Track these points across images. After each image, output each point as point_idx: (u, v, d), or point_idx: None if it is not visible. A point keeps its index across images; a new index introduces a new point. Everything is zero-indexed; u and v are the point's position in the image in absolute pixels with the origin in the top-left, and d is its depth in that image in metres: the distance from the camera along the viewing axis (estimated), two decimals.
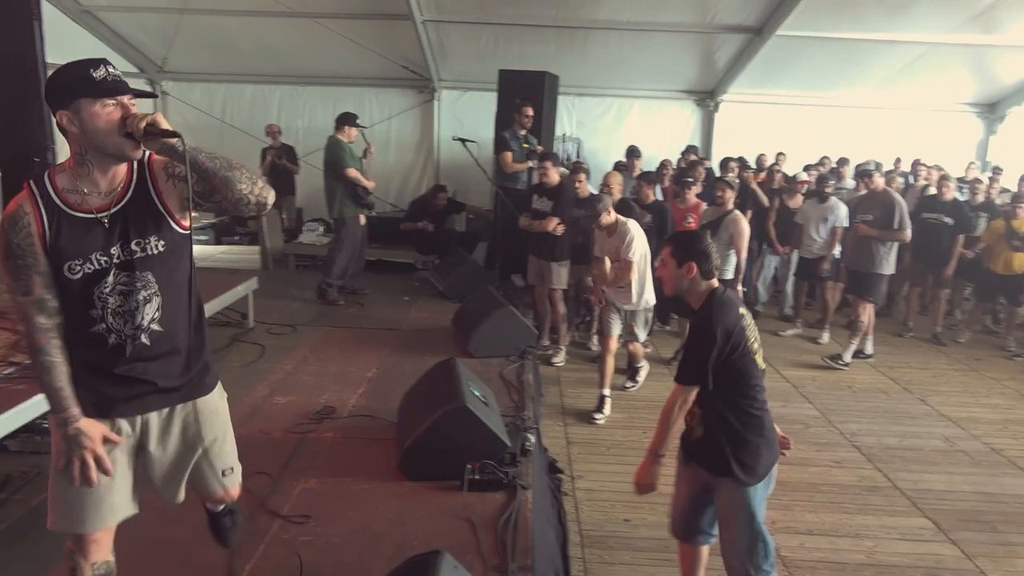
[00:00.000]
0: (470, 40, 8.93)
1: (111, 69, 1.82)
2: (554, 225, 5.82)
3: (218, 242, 10.18)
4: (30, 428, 3.40)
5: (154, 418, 2.05)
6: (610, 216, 5.01)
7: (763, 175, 8.55)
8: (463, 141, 6.40)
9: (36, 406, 3.25)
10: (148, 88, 9.61)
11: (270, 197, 1.95)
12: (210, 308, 5.02)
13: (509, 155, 6.92)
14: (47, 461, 3.35)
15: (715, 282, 2.66)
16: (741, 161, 8.57)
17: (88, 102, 1.78)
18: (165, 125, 1.79)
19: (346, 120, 6.50)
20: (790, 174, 8.22)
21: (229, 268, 7.47)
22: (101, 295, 1.89)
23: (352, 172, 6.42)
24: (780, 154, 8.99)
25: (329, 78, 9.95)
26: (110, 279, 1.89)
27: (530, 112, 6.96)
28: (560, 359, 6.27)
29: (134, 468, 2.07)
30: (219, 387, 2.21)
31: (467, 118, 9.68)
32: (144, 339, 1.95)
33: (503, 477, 3.34)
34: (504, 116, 7.37)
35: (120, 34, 9.21)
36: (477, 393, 3.66)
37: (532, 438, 3.83)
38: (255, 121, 9.88)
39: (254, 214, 1.99)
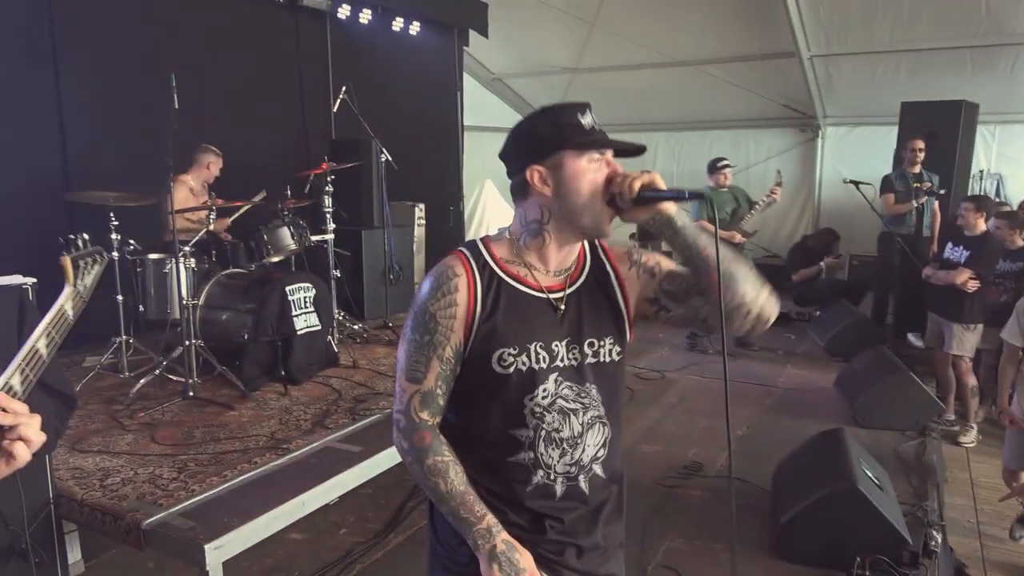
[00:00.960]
0: (864, 72, 8.16)
1: (594, 116, 1.40)
2: (964, 278, 4.89)
3: None
4: None
5: None
6: None
7: None
8: (856, 184, 5.81)
9: None
10: None
11: (774, 311, 1.42)
12: None
13: (891, 196, 6.15)
14: None
15: None
16: None
17: (573, 155, 1.36)
18: (663, 186, 1.36)
19: (711, 167, 6.37)
20: None
21: None
22: (536, 409, 1.37)
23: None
24: None
25: (706, 122, 9.95)
26: (550, 386, 1.38)
27: (919, 146, 6.08)
28: (970, 439, 5.24)
29: None
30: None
31: (856, 156, 8.84)
32: (583, 484, 1.41)
33: None
34: (902, 153, 6.55)
35: (524, 97, 10.40)
36: (870, 474, 3.20)
37: (939, 536, 3.21)
38: (635, 166, 10.29)
39: (745, 331, 1.42)
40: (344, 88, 5.13)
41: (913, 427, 4.46)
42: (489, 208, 9.63)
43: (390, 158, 5.25)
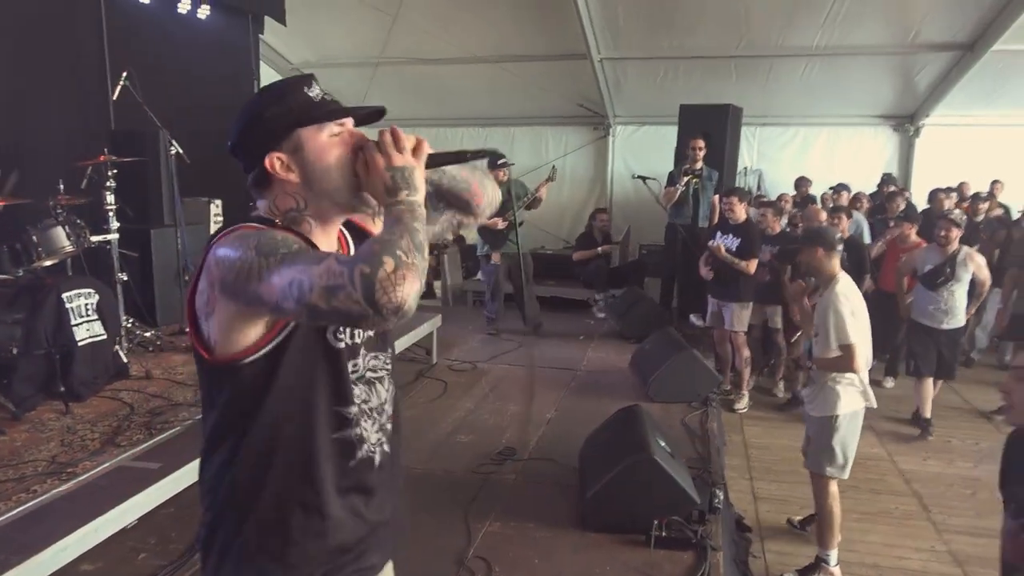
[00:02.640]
0: (647, 75, 8.87)
1: (320, 86, 1.35)
2: (753, 268, 5.50)
3: None
4: None
5: None
6: None
7: (966, 204, 7.69)
8: (643, 179, 6.32)
9: None
10: None
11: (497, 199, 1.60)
12: (400, 344, 5.28)
13: (671, 190, 6.82)
14: None
15: None
16: (947, 192, 7.78)
17: (312, 132, 1.28)
18: (431, 150, 1.32)
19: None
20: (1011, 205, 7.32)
21: None
22: (357, 383, 1.39)
23: None
24: (996, 182, 8.06)
25: (507, 119, 10.28)
26: (360, 361, 1.40)
27: (699, 144, 6.79)
28: (743, 405, 5.94)
29: None
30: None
31: (642, 153, 9.60)
32: (386, 449, 1.47)
33: (692, 536, 3.18)
34: (683, 150, 7.23)
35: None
36: (663, 443, 3.53)
37: (720, 494, 3.62)
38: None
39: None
40: (125, 73, 4.69)
41: (696, 399, 4.96)
42: None
43: (180, 151, 4.89)
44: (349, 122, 1.34)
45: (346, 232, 1.46)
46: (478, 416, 4.80)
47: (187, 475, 3.11)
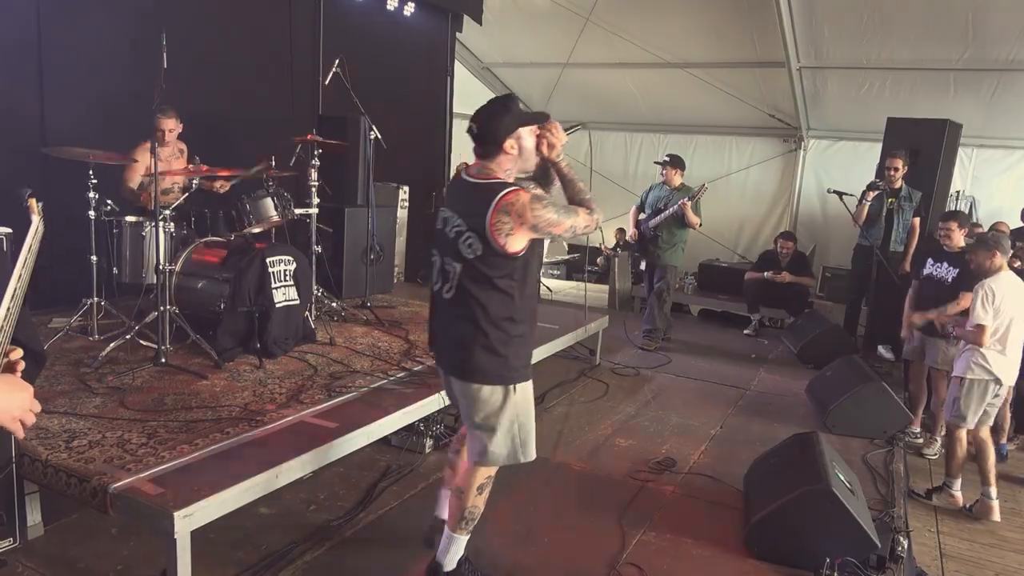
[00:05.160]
0: (849, 86, 8.27)
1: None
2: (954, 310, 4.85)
3: (569, 277, 10.80)
4: (410, 428, 3.85)
5: None
6: None
7: None
8: (839, 194, 5.87)
9: (421, 409, 3.68)
10: None
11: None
12: (564, 341, 5.27)
13: (861, 206, 6.25)
14: (420, 460, 3.75)
15: None
16: None
17: (525, 129, 2.47)
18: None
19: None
20: None
21: (578, 304, 7.81)
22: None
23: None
24: None
25: (689, 126, 10.00)
26: None
27: (894, 164, 6.18)
28: (934, 451, 5.33)
29: None
30: None
31: (837, 169, 8.97)
32: None
33: None
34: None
35: (509, 87, 10.35)
36: (842, 477, 3.23)
37: (905, 542, 3.26)
38: (616, 166, 10.34)
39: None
40: (337, 61, 5.03)
41: (881, 436, 4.53)
42: None
43: (380, 136, 5.17)
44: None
45: None
46: (638, 422, 4.67)
47: (359, 438, 3.27)
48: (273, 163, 4.58)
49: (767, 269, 7.40)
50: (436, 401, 3.76)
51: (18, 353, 1.36)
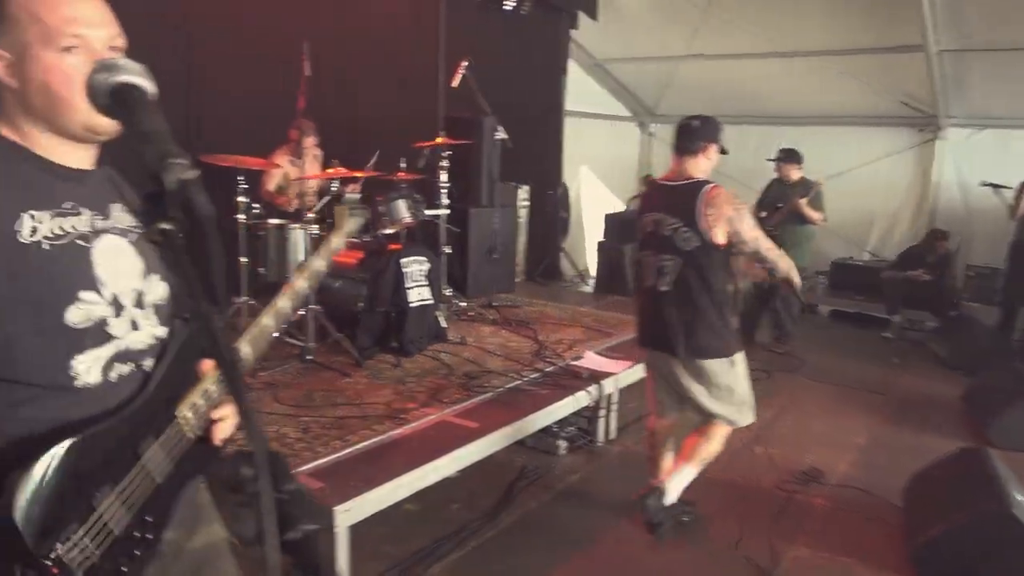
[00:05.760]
0: (998, 70, 7.61)
1: None
2: None
3: None
4: (545, 429, 3.82)
5: None
6: None
7: None
8: (995, 186, 5.43)
9: (560, 409, 3.65)
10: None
11: None
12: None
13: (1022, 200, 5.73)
14: (554, 462, 3.72)
15: None
16: None
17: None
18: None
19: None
20: None
21: None
22: None
23: None
24: None
25: (807, 117, 9.50)
26: None
27: None
28: None
29: None
30: None
31: (981, 159, 8.28)
32: None
33: None
34: None
35: (622, 83, 10.19)
36: (1022, 499, 2.96)
37: None
38: (730, 161, 9.97)
39: None
40: (465, 63, 5.07)
41: None
42: (584, 194, 9.49)
43: (506, 136, 5.17)
44: None
45: None
46: (776, 430, 4.46)
47: (499, 439, 3.27)
48: (404, 165, 4.67)
49: (910, 268, 6.95)
50: (571, 403, 3.73)
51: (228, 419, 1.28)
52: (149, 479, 1.12)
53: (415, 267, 4.30)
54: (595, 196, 9.60)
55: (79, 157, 1.17)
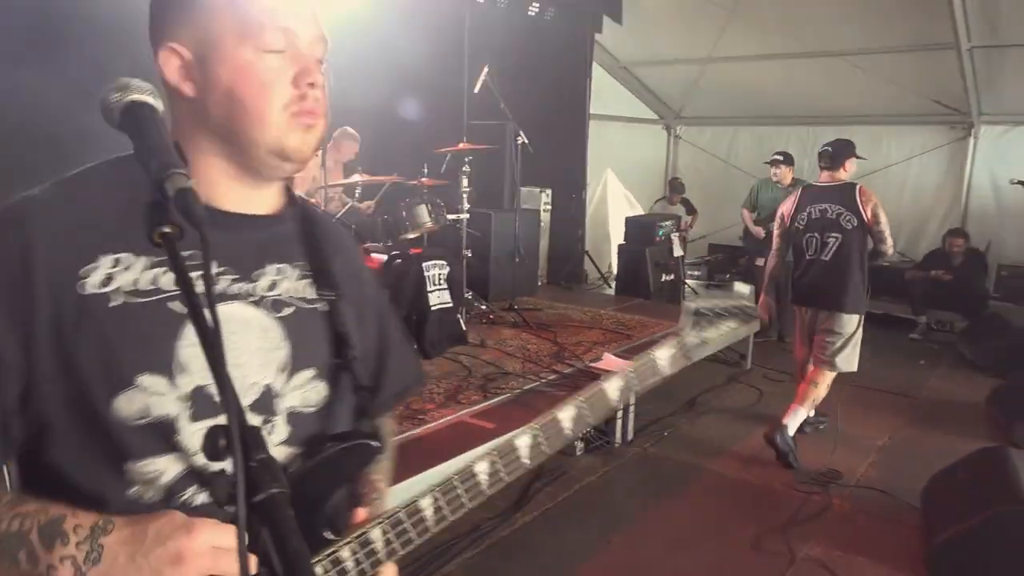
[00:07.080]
0: None
1: None
2: None
3: (710, 278, 10.46)
4: None
5: None
6: None
7: None
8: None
9: None
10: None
11: None
12: (715, 344, 5.10)
13: None
14: (572, 463, 3.76)
15: None
16: None
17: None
18: None
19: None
20: None
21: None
22: None
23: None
24: None
25: (840, 117, 9.40)
26: None
27: None
28: None
29: None
30: None
31: (1017, 158, 8.14)
32: None
33: None
34: None
35: (647, 85, 10.19)
36: None
37: None
38: (758, 163, 9.91)
39: None
40: (486, 68, 5.14)
41: None
42: (610, 198, 9.50)
43: (527, 141, 5.24)
44: None
45: None
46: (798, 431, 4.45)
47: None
48: (426, 170, 4.76)
49: (933, 268, 6.84)
50: None
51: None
52: None
53: (435, 271, 4.38)
54: (621, 200, 9.61)
55: (244, 197, 0.90)
